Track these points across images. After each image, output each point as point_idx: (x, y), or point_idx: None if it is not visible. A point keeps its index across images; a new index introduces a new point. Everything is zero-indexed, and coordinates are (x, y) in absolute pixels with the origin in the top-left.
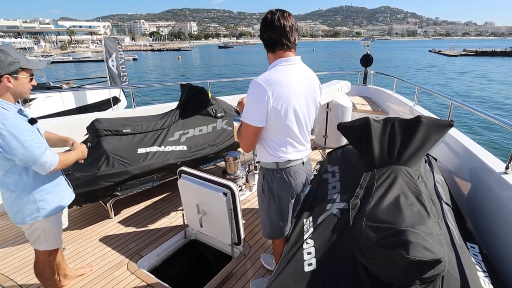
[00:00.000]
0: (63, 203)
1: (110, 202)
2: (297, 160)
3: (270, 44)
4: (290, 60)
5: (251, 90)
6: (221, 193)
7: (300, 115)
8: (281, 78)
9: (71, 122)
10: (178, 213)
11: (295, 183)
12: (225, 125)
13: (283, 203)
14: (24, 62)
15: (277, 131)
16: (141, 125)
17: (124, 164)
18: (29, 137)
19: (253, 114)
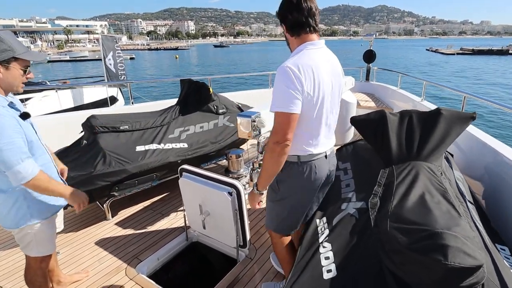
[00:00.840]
0: (58, 205)
1: (107, 203)
2: (320, 154)
3: (296, 27)
4: (316, 44)
5: (281, 77)
6: (226, 193)
7: (328, 103)
8: (310, 63)
9: (66, 119)
10: (179, 214)
11: (315, 178)
12: (227, 121)
13: (298, 198)
14: (19, 51)
15: (305, 121)
16: (140, 121)
17: (121, 162)
18: (10, 139)
19: (288, 101)
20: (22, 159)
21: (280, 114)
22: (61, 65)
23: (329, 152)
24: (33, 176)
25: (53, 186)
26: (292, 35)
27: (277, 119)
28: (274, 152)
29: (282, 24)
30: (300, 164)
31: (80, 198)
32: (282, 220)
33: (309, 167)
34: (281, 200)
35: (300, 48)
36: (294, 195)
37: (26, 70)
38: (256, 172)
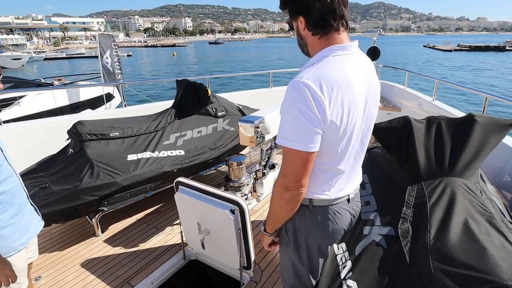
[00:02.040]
0: (26, 237)
1: (96, 217)
2: (341, 198)
3: (322, 22)
4: (348, 48)
5: (294, 97)
6: (228, 211)
7: (359, 131)
8: (338, 76)
9: (52, 124)
10: (175, 228)
11: (333, 229)
12: (226, 125)
13: (313, 254)
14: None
15: (324, 156)
16: (131, 127)
17: (111, 174)
18: None
19: (304, 134)
20: None
21: (291, 151)
22: (58, 62)
23: (353, 194)
24: None
25: None
26: (316, 34)
27: (288, 158)
28: (282, 199)
29: (299, 17)
30: (312, 209)
31: (3, 273)
32: (301, 276)
33: (325, 215)
34: (294, 255)
35: (324, 53)
36: (308, 249)
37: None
38: (260, 182)
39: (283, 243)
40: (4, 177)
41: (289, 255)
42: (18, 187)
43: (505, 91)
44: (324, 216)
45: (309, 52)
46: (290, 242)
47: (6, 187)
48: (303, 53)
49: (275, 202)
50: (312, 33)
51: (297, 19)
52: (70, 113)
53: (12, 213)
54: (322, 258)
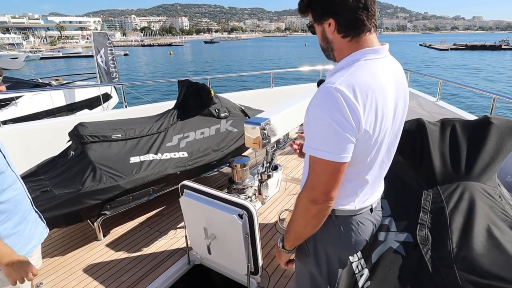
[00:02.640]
0: (31, 245)
1: (98, 221)
2: (364, 208)
3: (355, 22)
4: (380, 51)
5: (326, 104)
6: (236, 215)
7: (388, 140)
8: (371, 81)
9: (51, 126)
10: (178, 231)
11: (356, 240)
12: (229, 126)
13: (333, 265)
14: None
15: (353, 167)
16: (134, 129)
17: (113, 177)
18: None
19: (337, 144)
20: None
21: (322, 162)
22: (54, 61)
23: (376, 203)
24: None
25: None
26: (347, 36)
27: (317, 168)
28: (308, 213)
29: (328, 19)
30: (335, 219)
31: (19, 273)
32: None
33: (348, 226)
34: (313, 266)
35: (355, 57)
36: (328, 260)
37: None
38: (265, 184)
39: (301, 253)
40: (8, 184)
41: (307, 266)
42: (22, 194)
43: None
44: (347, 226)
45: (335, 56)
46: (310, 253)
47: (10, 195)
48: (328, 58)
49: (300, 217)
50: (342, 36)
51: (324, 22)
52: (67, 113)
53: (16, 222)
54: (341, 269)
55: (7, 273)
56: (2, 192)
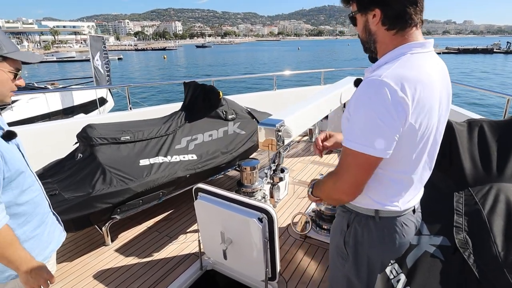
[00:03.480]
0: (49, 250)
1: (106, 225)
2: (408, 209)
3: (403, 15)
4: (427, 46)
5: (370, 95)
6: (256, 219)
7: (433, 136)
8: (420, 75)
9: (58, 128)
10: (188, 236)
11: (400, 243)
12: (237, 128)
13: (374, 269)
14: (7, 49)
15: (397, 164)
16: (142, 131)
17: (124, 180)
18: None
19: (375, 137)
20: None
21: (357, 154)
22: (48, 66)
23: (418, 204)
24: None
25: (11, 252)
26: (392, 29)
27: (349, 160)
28: (330, 196)
29: (374, 9)
30: (378, 221)
31: (38, 280)
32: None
33: (392, 227)
34: (351, 270)
35: (401, 50)
36: (369, 264)
37: (17, 74)
38: (277, 187)
39: (338, 257)
40: (28, 185)
41: (344, 270)
42: (40, 195)
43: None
44: (392, 228)
45: (376, 49)
46: (348, 257)
47: (29, 196)
48: (366, 51)
49: (323, 193)
50: (387, 28)
51: (369, 13)
52: (63, 117)
53: (35, 225)
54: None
55: (25, 281)
56: (22, 193)
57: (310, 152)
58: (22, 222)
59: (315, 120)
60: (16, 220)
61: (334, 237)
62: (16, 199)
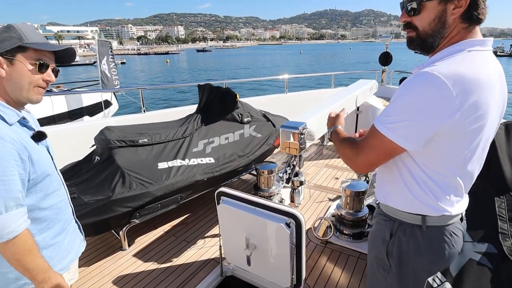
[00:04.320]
0: (68, 259)
1: (123, 230)
2: (458, 216)
3: (480, 9)
4: (486, 43)
5: (417, 86)
6: (283, 224)
7: (484, 139)
8: (478, 74)
9: (75, 130)
10: (206, 241)
11: (450, 253)
12: (253, 131)
13: (420, 282)
14: (30, 39)
15: (445, 163)
16: (159, 133)
17: (143, 183)
18: (1, 177)
19: (408, 128)
20: (6, 208)
21: (384, 139)
22: None
23: (465, 211)
24: (13, 235)
25: (29, 260)
26: (468, 23)
27: (377, 143)
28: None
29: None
30: (426, 230)
31: None
32: None
33: (441, 237)
34: (393, 284)
35: (460, 46)
36: (414, 277)
37: (37, 64)
38: (297, 191)
39: (379, 268)
40: (53, 189)
41: (386, 283)
42: (65, 201)
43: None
44: (440, 238)
45: (438, 45)
46: (391, 268)
47: (53, 201)
48: (424, 47)
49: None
50: (463, 22)
51: (454, 1)
52: (68, 120)
53: (56, 231)
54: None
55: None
56: (46, 197)
57: (323, 155)
58: (43, 228)
59: None
60: (37, 225)
61: (374, 247)
62: (40, 203)
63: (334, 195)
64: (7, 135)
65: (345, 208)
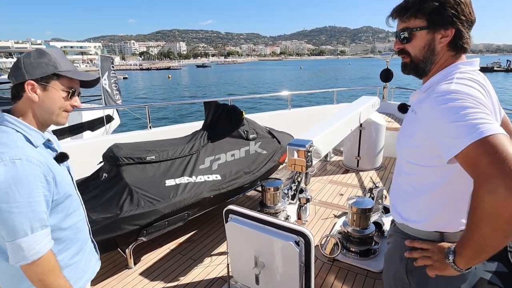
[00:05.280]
0: (84, 280)
1: (130, 248)
2: None
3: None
4: (474, 64)
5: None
6: (293, 242)
7: None
8: (482, 90)
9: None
10: (214, 259)
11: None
12: (258, 148)
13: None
14: (62, 67)
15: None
16: (167, 150)
17: (151, 201)
18: (28, 199)
19: (490, 117)
20: (32, 229)
21: (492, 138)
22: None
23: None
24: (37, 257)
25: (52, 280)
26: (455, 51)
27: (489, 148)
28: (501, 214)
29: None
30: None
31: None
32: None
33: None
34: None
35: (451, 69)
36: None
37: (70, 92)
38: (304, 209)
39: (397, 286)
40: (73, 209)
41: None
42: (82, 221)
43: None
44: None
45: (430, 70)
46: (411, 286)
47: (73, 221)
48: (417, 73)
49: (483, 223)
50: (450, 50)
51: (441, 31)
52: (69, 135)
53: (74, 252)
54: None
55: None
56: (67, 218)
57: (326, 171)
58: (62, 248)
59: (338, 140)
60: (57, 246)
61: (391, 265)
62: (60, 223)
63: (339, 212)
64: (34, 158)
65: (351, 225)
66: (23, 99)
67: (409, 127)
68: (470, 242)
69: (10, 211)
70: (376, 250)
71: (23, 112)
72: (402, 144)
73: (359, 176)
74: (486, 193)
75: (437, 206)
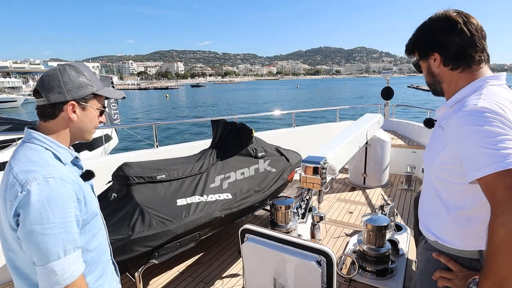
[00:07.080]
0: None
1: (139, 271)
2: None
3: (463, 55)
4: (501, 78)
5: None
6: (314, 262)
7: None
8: (507, 104)
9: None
10: (225, 281)
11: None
12: (268, 166)
13: None
14: (97, 87)
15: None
16: (177, 169)
17: (163, 221)
18: (62, 219)
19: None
20: (65, 252)
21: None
22: None
23: None
24: (71, 281)
25: None
26: (457, 68)
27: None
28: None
29: (433, 54)
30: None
31: None
32: None
33: None
34: None
35: (478, 83)
36: None
37: (103, 111)
38: (318, 226)
39: None
40: (98, 229)
41: None
42: (105, 242)
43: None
44: None
45: (442, 89)
46: None
47: (98, 242)
48: (434, 92)
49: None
50: (451, 68)
51: (429, 57)
52: None
53: (98, 274)
54: None
55: None
56: (93, 238)
57: (333, 189)
58: (87, 271)
59: (349, 156)
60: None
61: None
62: (87, 245)
63: (351, 230)
64: (67, 176)
65: (367, 244)
66: (58, 118)
67: (437, 143)
68: (488, 274)
69: (44, 233)
70: (393, 269)
71: (55, 130)
72: (430, 160)
73: (366, 193)
74: (499, 224)
75: (471, 223)
